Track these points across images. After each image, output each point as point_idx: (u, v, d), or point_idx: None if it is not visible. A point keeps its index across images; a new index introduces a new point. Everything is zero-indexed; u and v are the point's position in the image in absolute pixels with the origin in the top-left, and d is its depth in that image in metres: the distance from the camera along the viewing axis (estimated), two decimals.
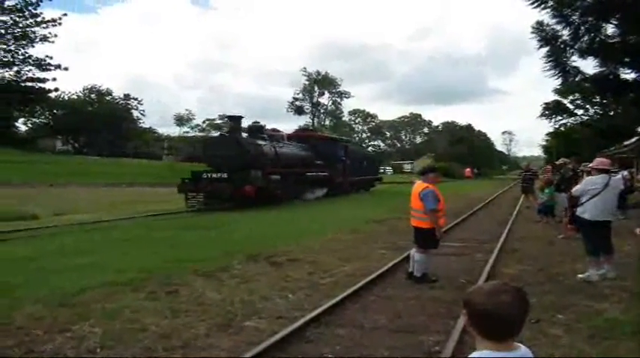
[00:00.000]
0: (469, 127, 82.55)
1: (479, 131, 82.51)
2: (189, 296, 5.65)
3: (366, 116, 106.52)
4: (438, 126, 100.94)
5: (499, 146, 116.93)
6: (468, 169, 49.74)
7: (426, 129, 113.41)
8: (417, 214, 6.54)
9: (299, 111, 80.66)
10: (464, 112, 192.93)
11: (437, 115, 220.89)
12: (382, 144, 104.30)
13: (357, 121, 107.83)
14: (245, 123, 19.86)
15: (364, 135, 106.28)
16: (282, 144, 21.06)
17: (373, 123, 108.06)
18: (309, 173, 21.93)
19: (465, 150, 72.57)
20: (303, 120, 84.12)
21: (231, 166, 17.88)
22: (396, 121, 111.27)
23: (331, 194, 23.69)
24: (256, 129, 20.24)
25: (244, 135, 19.42)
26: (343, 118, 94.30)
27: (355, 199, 22.61)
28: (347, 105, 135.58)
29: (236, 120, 19.20)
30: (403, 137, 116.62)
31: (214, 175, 18.02)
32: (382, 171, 42.47)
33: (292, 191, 20.47)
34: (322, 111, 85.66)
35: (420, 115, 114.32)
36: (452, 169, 69.82)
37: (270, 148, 19.67)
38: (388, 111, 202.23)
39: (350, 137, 53.43)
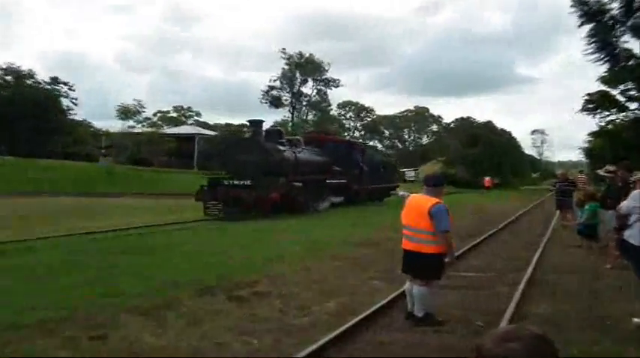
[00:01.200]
0: (489, 125, 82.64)
1: (502, 130, 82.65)
2: (120, 343, 5.56)
3: (359, 110, 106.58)
4: (449, 124, 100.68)
5: (528, 148, 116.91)
6: (488, 178, 50.18)
7: (434, 127, 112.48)
8: (420, 236, 6.50)
9: (276, 102, 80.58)
10: (483, 106, 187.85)
11: (448, 110, 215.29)
12: (379, 146, 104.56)
13: (348, 116, 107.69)
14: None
15: (357, 134, 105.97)
16: (300, 150, 24.10)
17: (368, 119, 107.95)
18: (328, 180, 25.29)
19: (483, 154, 72.75)
20: (281, 114, 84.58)
21: (255, 172, 20.76)
22: (398, 117, 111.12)
23: (347, 203, 26.86)
24: (275, 134, 23.47)
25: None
26: (331, 112, 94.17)
27: (360, 211, 23.55)
28: (336, 96, 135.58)
29: (257, 124, 22.53)
30: (406, 136, 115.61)
31: (236, 182, 20.88)
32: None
33: (311, 199, 23.37)
34: (305, 103, 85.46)
35: (427, 109, 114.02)
36: (467, 178, 69.41)
37: (291, 154, 22.77)
38: (387, 105, 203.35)
39: (326, 131, 54.68)
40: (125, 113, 53.32)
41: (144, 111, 57.19)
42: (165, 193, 36.07)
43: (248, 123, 24.38)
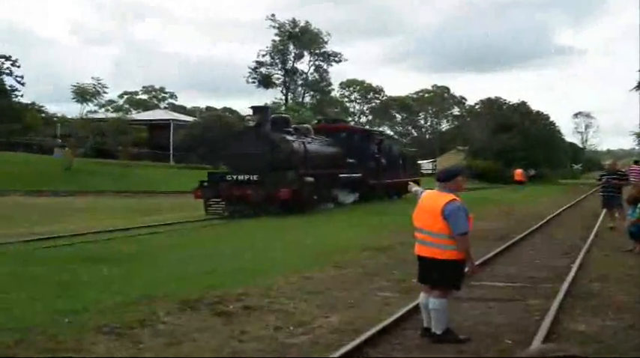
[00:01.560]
0: (522, 107, 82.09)
1: (537, 112, 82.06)
2: None
3: (366, 90, 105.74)
4: (474, 106, 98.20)
5: (569, 135, 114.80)
6: (519, 171, 49.67)
7: (456, 110, 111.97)
8: (434, 240, 6.55)
9: (265, 82, 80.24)
10: (515, 84, 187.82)
11: (473, 89, 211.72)
12: (390, 133, 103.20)
13: (352, 98, 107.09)
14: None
15: (363, 119, 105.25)
16: (309, 140, 25.28)
17: (377, 101, 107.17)
18: (341, 174, 26.52)
19: (515, 142, 72.29)
20: (272, 96, 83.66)
21: (262, 166, 21.91)
22: (412, 98, 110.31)
23: (363, 200, 28.24)
24: (282, 122, 24.50)
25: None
26: (332, 93, 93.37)
27: (374, 209, 24.20)
28: (337, 74, 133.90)
29: (263, 111, 23.83)
30: (422, 122, 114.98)
31: (240, 177, 22.02)
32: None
33: (323, 195, 24.87)
34: (300, 82, 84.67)
35: (447, 89, 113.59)
36: (495, 170, 69.29)
37: (300, 145, 23.87)
38: (400, 83, 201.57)
39: (342, 119, 54.99)
40: (82, 95, 52.68)
41: (106, 93, 57.02)
42: (135, 191, 35.84)
43: (251, 110, 25.63)
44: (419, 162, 60.54)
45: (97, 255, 12.35)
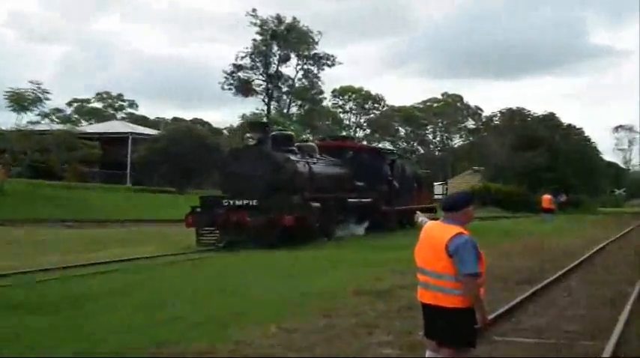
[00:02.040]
0: (550, 119, 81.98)
1: (569, 125, 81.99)
2: None
3: (363, 98, 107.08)
4: (493, 117, 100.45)
5: (608, 153, 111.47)
6: (548, 196, 49.27)
7: (470, 123, 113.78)
8: (438, 282, 6.36)
9: (244, 88, 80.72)
10: (542, 92, 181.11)
11: (491, 97, 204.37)
12: (392, 149, 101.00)
13: (347, 108, 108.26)
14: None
15: (360, 133, 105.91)
16: (314, 160, 27.04)
17: (376, 112, 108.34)
18: (350, 198, 27.95)
19: (542, 161, 72.08)
20: (252, 106, 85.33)
21: (262, 189, 23.17)
22: (418, 108, 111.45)
23: (372, 229, 29.34)
24: (284, 140, 26.05)
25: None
26: (323, 102, 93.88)
27: (381, 241, 24.80)
28: (330, 80, 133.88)
29: (262, 129, 25.15)
30: (430, 137, 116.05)
31: (238, 202, 23.05)
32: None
33: (329, 223, 26.06)
34: (285, 89, 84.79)
35: (460, 98, 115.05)
36: (517, 195, 70.02)
37: (304, 165, 25.54)
38: (404, 91, 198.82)
39: (349, 136, 56.20)
40: (18, 102, 51.90)
41: (48, 99, 56.38)
42: (83, 219, 35.59)
43: (249, 128, 27.27)
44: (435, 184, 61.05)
45: (22, 302, 11.98)
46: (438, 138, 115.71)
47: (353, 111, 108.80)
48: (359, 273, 16.07)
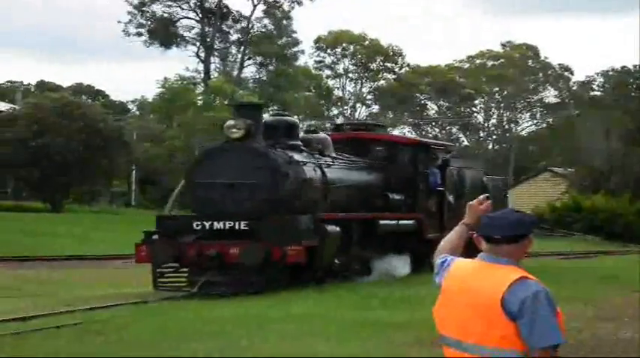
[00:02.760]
0: None
1: None
2: None
3: (368, 53, 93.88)
4: (591, 82, 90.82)
5: None
6: None
7: (551, 94, 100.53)
8: None
9: (165, 35, 71.68)
10: None
11: (587, 49, 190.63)
12: (445, 142, 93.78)
13: (339, 69, 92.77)
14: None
15: (362, 111, 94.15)
16: (330, 160, 26.00)
17: (390, 76, 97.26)
18: (382, 220, 26.69)
19: None
20: (178, 64, 77.81)
21: (255, 207, 23.09)
22: (461, 69, 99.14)
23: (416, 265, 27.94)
24: (284, 129, 25.71)
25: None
26: (300, 59, 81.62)
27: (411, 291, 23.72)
28: (311, 22, 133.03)
29: (252, 112, 24.76)
30: (480, 118, 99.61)
31: (217, 225, 22.95)
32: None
33: (352, 258, 25.56)
34: (236, 37, 73.15)
35: (535, 50, 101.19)
36: (631, 216, 67.02)
37: (315, 170, 24.56)
38: (436, 41, 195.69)
39: (378, 123, 54.15)
40: None
41: None
42: None
43: (233, 109, 26.77)
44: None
45: None
46: (493, 120, 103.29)
47: (350, 75, 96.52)
48: (366, 348, 15.11)
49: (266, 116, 28.82)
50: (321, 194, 24.33)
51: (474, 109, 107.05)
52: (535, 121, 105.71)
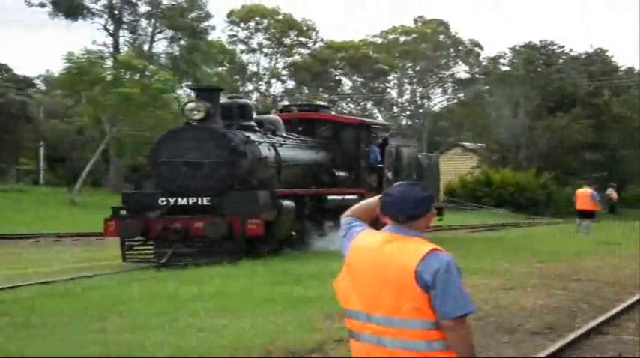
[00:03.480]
0: (598, 59, 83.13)
1: (630, 71, 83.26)
2: None
3: (282, 28, 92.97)
4: (499, 58, 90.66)
5: None
6: (586, 191, 49.45)
7: (461, 69, 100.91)
8: (402, 335, 5.82)
9: (70, 9, 67.67)
10: (581, 15, 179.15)
11: (497, 26, 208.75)
12: (384, 122, 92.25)
13: (253, 44, 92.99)
14: None
15: (277, 86, 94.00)
16: (281, 140, 27.65)
17: (305, 51, 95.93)
18: (330, 196, 28.35)
19: (579, 131, 73.21)
20: (85, 37, 77.16)
21: (216, 184, 24.70)
22: (375, 44, 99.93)
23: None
24: (239, 110, 27.38)
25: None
26: (212, 34, 77.84)
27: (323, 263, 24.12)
28: (216, 1, 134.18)
29: (211, 96, 26.16)
30: (394, 93, 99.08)
31: (181, 201, 24.71)
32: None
33: (304, 230, 27.43)
34: (146, 10, 72.44)
35: (445, 26, 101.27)
36: (537, 189, 68.42)
37: (269, 149, 26.17)
38: (350, 17, 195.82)
39: (323, 104, 54.91)
40: None
41: None
42: None
43: (193, 93, 27.71)
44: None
45: None
46: (406, 95, 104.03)
47: (264, 50, 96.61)
48: (275, 316, 15.75)
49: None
50: (275, 171, 25.99)
51: (388, 85, 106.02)
52: (447, 97, 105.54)
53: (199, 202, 24.08)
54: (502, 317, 15.50)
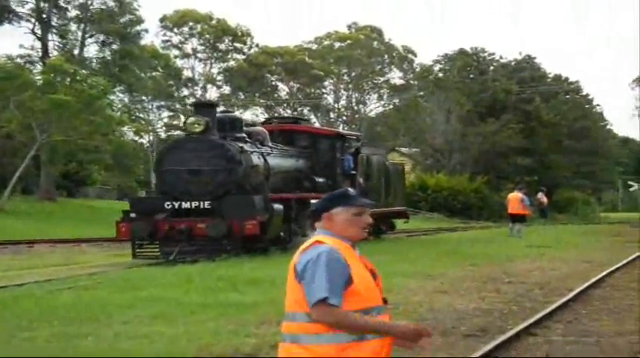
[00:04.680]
0: (527, 67, 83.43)
1: (558, 78, 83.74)
2: None
3: (217, 33, 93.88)
4: (432, 66, 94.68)
5: (622, 123, 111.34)
6: (517, 195, 49.91)
7: (396, 75, 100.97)
8: (292, 328, 6.07)
9: None
10: (513, 24, 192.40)
11: (431, 33, 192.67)
12: (356, 133, 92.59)
13: (187, 49, 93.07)
14: None
15: (212, 91, 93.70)
16: (268, 150, 30.37)
17: (240, 56, 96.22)
18: (313, 199, 29.46)
19: (510, 137, 73.72)
20: (13, 40, 74.72)
21: (214, 189, 27.50)
22: (310, 51, 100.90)
23: None
24: (231, 124, 29.86)
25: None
26: (145, 38, 77.97)
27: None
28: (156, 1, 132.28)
29: (209, 111, 28.79)
30: (330, 99, 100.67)
31: (185, 204, 27.30)
32: None
33: (290, 231, 30.08)
34: (75, 14, 70.48)
35: (379, 32, 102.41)
36: (470, 194, 69.52)
37: (259, 157, 28.97)
38: (286, 23, 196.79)
39: (301, 117, 58.72)
40: None
41: None
42: None
43: (192, 108, 30.39)
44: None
45: None
46: (343, 101, 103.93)
47: (198, 56, 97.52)
48: (214, 322, 15.76)
49: None
50: (265, 177, 28.56)
51: (324, 91, 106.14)
52: (382, 102, 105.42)
53: (201, 205, 26.73)
54: (436, 319, 15.73)
